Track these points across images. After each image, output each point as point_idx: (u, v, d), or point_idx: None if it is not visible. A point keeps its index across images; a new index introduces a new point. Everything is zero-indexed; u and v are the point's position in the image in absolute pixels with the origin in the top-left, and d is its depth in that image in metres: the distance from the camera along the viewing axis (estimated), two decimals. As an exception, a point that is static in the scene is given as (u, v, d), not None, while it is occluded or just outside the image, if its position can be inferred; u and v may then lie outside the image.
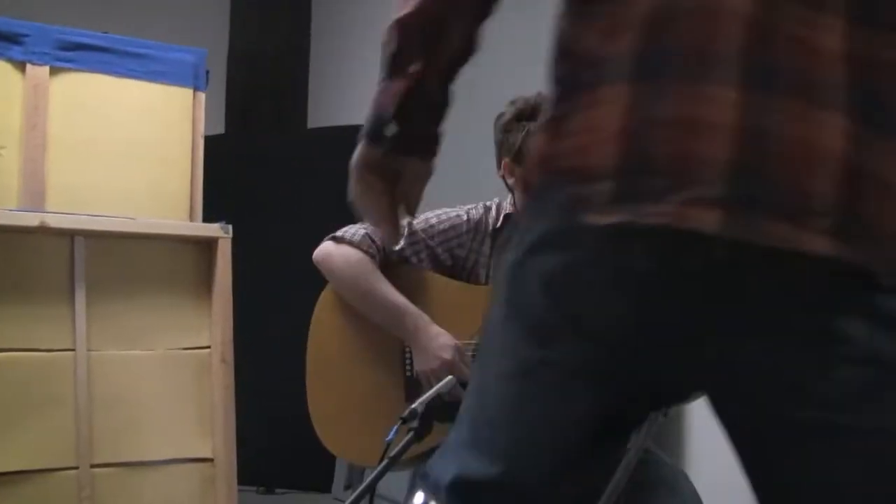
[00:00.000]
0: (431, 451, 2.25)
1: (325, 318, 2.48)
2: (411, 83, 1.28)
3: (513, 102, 2.43)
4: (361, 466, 2.54)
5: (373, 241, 2.40)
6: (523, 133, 2.34)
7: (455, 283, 2.40)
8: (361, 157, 1.34)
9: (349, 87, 4.98)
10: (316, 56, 5.29)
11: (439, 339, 2.31)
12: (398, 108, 1.28)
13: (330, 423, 2.42)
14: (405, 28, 1.28)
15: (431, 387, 2.24)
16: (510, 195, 2.48)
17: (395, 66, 1.29)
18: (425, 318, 2.34)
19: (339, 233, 2.44)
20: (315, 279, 2.48)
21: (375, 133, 1.30)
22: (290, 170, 4.68)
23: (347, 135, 4.92)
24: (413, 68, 1.28)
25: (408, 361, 2.38)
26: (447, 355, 2.28)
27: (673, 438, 3.22)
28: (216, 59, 5.00)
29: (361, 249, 2.39)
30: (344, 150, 5.01)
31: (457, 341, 2.32)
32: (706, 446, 1.66)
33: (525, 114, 2.37)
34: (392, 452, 1.74)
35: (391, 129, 1.29)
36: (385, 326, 2.38)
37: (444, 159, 4.27)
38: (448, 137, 4.13)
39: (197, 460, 3.00)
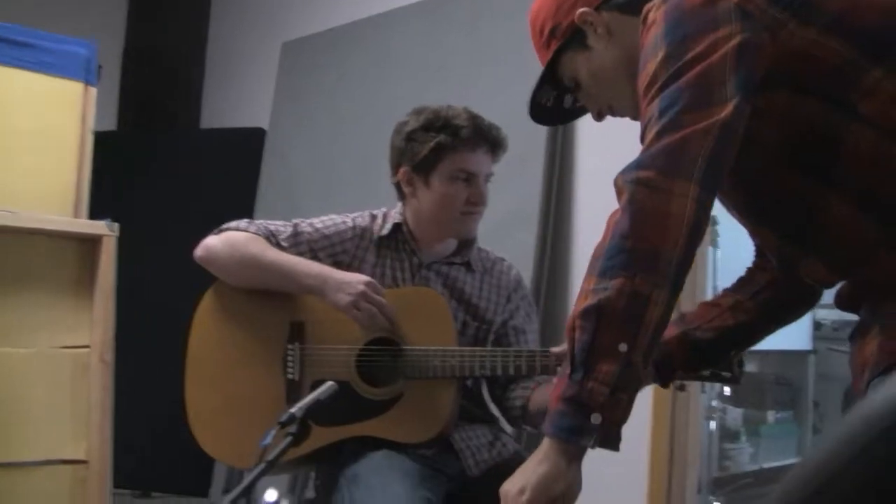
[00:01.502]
0: (309, 455, 2.27)
1: (205, 319, 2.45)
2: (623, 365, 1.28)
3: (419, 112, 2.44)
4: (240, 470, 2.50)
5: (258, 228, 2.40)
6: (432, 144, 2.35)
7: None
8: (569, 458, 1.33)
9: (245, 89, 4.95)
10: (213, 56, 5.23)
11: (348, 276, 2.30)
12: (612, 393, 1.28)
13: (207, 426, 2.39)
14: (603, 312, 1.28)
15: (365, 315, 2.25)
16: (400, 203, 2.49)
17: (594, 353, 1.28)
18: (326, 266, 2.33)
19: (221, 227, 2.43)
20: (201, 281, 2.45)
21: (583, 430, 1.29)
22: (180, 170, 4.62)
23: (240, 137, 4.95)
24: (622, 347, 1.28)
25: (290, 364, 2.37)
26: (364, 278, 2.27)
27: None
28: (112, 54, 4.92)
29: (249, 232, 2.38)
30: (236, 152, 5.03)
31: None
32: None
33: (435, 125, 2.38)
34: (269, 456, 1.72)
35: (598, 419, 1.28)
36: (284, 286, 2.34)
37: (342, 164, 4.26)
38: (345, 144, 4.11)
39: (70, 462, 2.93)
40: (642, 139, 1.35)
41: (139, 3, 5.24)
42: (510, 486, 1.39)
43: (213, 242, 2.40)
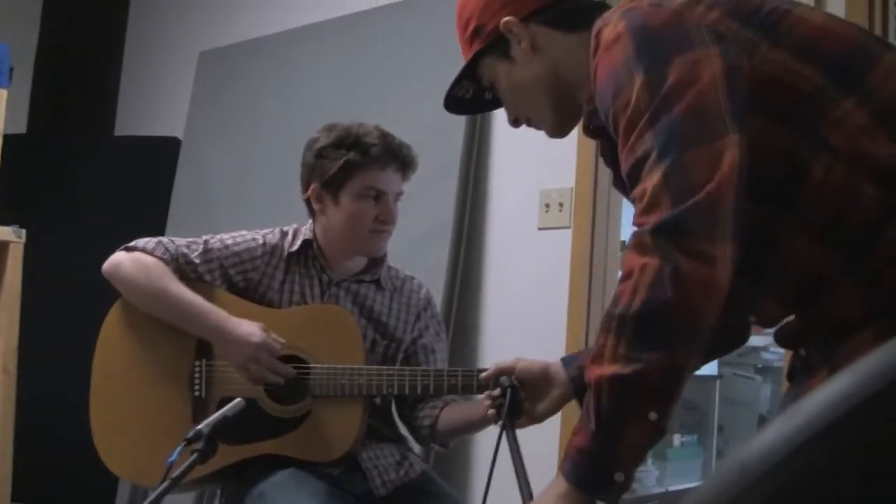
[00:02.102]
0: (215, 473, 2.25)
1: (112, 333, 2.41)
2: (652, 432, 1.24)
3: (330, 128, 2.43)
4: (144, 488, 2.46)
5: (167, 249, 2.36)
6: (341, 162, 2.35)
7: (248, 304, 2.38)
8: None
9: (161, 97, 4.90)
10: (129, 62, 5.16)
11: (243, 327, 2.27)
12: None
13: (112, 442, 2.35)
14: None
15: (255, 377, 2.22)
16: (310, 220, 2.48)
17: (624, 419, 1.24)
18: (223, 312, 2.30)
19: (131, 243, 2.39)
20: (109, 291, 2.41)
21: (606, 486, 1.25)
22: (93, 176, 4.54)
23: (154, 145, 4.88)
24: (653, 416, 1.23)
25: (196, 380, 2.35)
26: (256, 338, 2.25)
27: (458, 469, 3.27)
28: (24, 54, 4.82)
29: (155, 255, 2.34)
30: (150, 160, 4.96)
31: (257, 323, 2.29)
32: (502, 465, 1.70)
33: (346, 142, 2.37)
34: (174, 473, 1.70)
35: (621, 477, 1.24)
36: (184, 327, 2.33)
37: (255, 176, 4.24)
38: (259, 156, 4.10)
39: (-32, 474, 2.87)
40: (635, 175, 1.27)
41: (54, 5, 5.14)
42: None
43: (122, 261, 2.37)
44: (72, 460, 3.51)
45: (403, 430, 2.53)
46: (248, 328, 2.27)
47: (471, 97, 1.79)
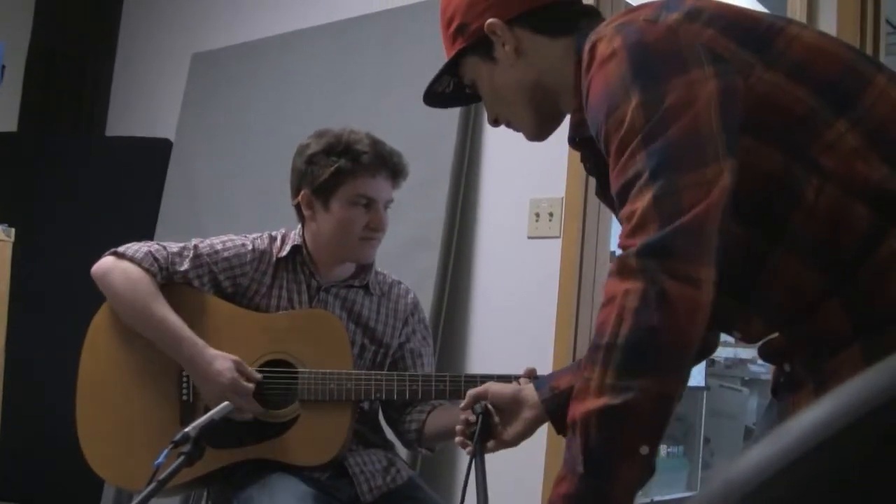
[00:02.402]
0: (203, 476, 2.25)
1: (99, 335, 2.41)
2: (643, 467, 1.20)
3: (321, 135, 2.43)
4: (129, 491, 2.46)
5: (155, 259, 2.35)
6: (332, 169, 2.36)
7: (237, 309, 2.38)
8: None
9: (153, 98, 4.89)
10: (121, 63, 5.16)
11: (215, 365, 2.26)
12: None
13: (98, 445, 2.35)
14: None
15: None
16: (300, 225, 2.48)
17: (615, 456, 1.20)
18: (200, 343, 2.28)
19: (120, 249, 2.38)
20: (98, 292, 2.41)
21: None
22: (83, 176, 4.53)
23: (145, 147, 4.87)
24: (644, 450, 1.19)
25: (184, 384, 2.35)
26: (225, 379, 2.25)
27: (444, 476, 3.28)
28: (16, 53, 4.81)
29: (143, 267, 2.33)
30: (141, 161, 4.96)
31: (235, 358, 2.28)
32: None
33: (337, 149, 2.37)
34: (161, 476, 1.70)
35: None
36: (161, 349, 2.32)
37: (245, 180, 4.25)
38: (249, 159, 4.10)
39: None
40: (624, 195, 1.26)
41: (46, 5, 5.14)
42: None
43: (110, 270, 2.35)
44: (58, 460, 3.51)
45: (390, 435, 2.53)
46: (221, 365, 2.26)
47: (451, 91, 1.77)
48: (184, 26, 4.88)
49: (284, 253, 2.44)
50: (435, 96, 1.77)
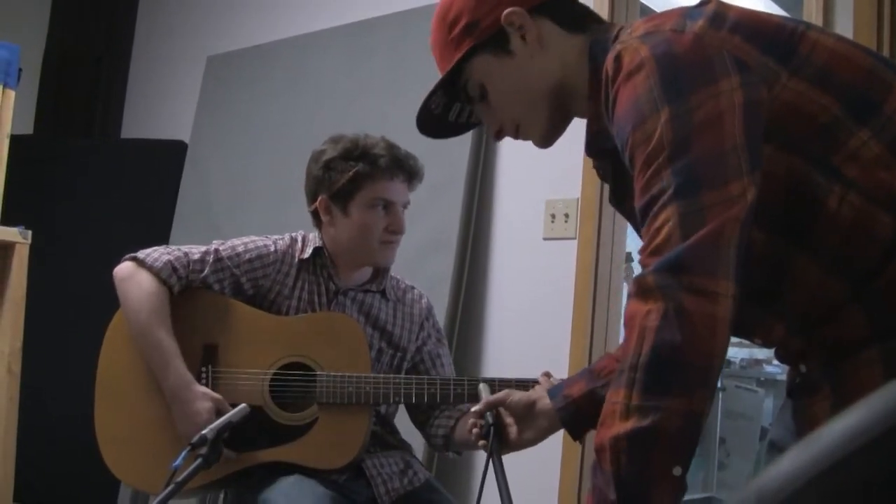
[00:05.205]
0: (221, 479, 2.25)
1: (117, 337, 2.40)
2: (677, 489, 1.17)
3: (336, 140, 2.44)
4: (145, 494, 2.46)
5: (174, 269, 2.34)
6: (350, 174, 2.36)
7: (256, 312, 2.38)
8: None
9: (168, 100, 4.91)
10: (137, 65, 5.18)
11: (195, 404, 2.25)
12: None
13: (117, 447, 2.35)
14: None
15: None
16: (317, 230, 2.49)
17: (648, 482, 1.17)
18: (187, 378, 2.27)
19: (141, 254, 2.37)
20: (114, 293, 2.41)
21: None
22: (98, 178, 4.55)
23: (161, 149, 4.89)
24: (677, 471, 1.16)
25: (203, 385, 2.35)
26: (201, 420, 2.20)
27: (461, 477, 3.28)
28: (32, 56, 4.84)
29: (160, 278, 2.33)
30: (156, 163, 4.97)
31: (218, 398, 2.27)
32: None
33: (353, 154, 2.38)
34: (179, 478, 1.71)
35: None
36: (152, 369, 2.32)
37: (259, 182, 4.24)
38: (264, 161, 4.10)
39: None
40: (647, 211, 1.25)
41: (63, 7, 5.16)
42: None
43: (127, 277, 2.35)
44: (74, 461, 3.53)
45: (407, 436, 2.54)
46: (199, 406, 2.25)
47: (440, 112, 1.72)
48: (198, 29, 4.89)
49: (307, 255, 2.44)
50: (425, 121, 1.72)
